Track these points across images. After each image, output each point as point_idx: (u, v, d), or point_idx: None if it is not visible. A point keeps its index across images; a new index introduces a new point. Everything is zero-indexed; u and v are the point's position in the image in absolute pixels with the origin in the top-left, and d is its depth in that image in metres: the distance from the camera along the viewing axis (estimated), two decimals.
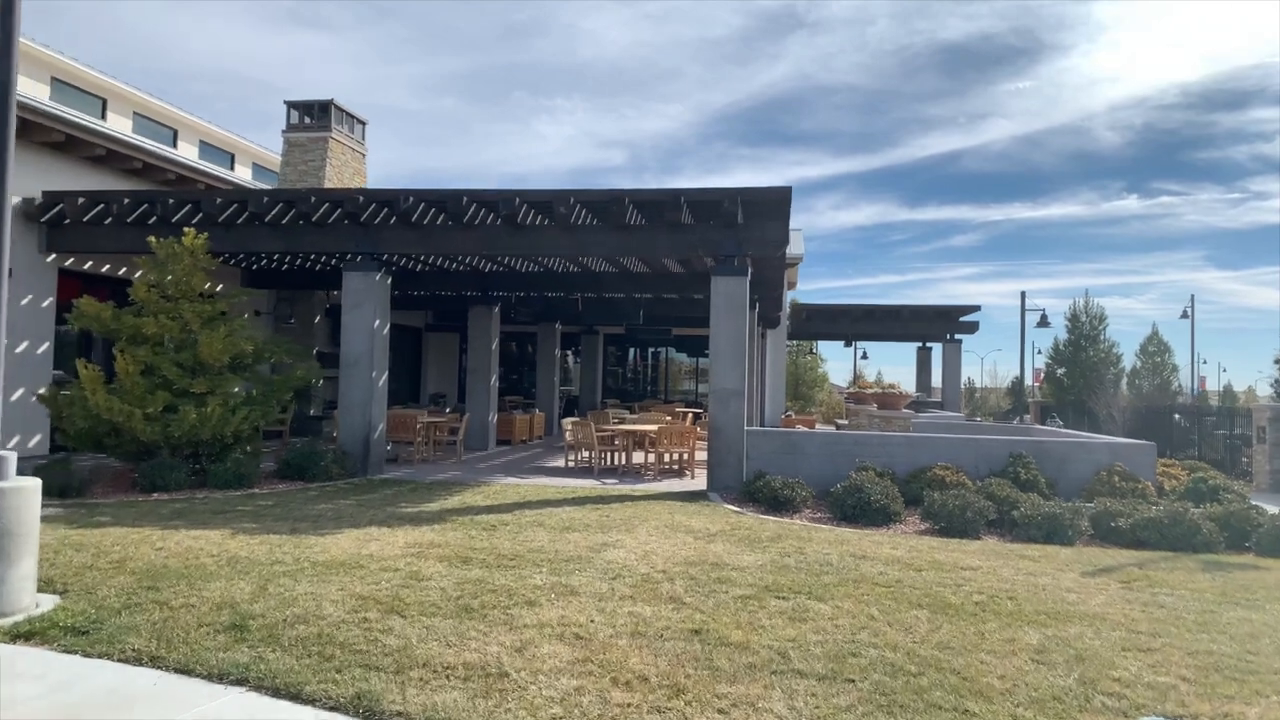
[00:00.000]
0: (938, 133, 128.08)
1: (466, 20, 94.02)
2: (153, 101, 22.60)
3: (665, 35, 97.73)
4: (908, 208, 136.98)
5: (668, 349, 29.20)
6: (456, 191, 11.84)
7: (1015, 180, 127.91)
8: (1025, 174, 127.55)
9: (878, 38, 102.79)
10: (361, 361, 12.25)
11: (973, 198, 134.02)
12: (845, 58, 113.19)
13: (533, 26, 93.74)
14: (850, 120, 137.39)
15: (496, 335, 17.47)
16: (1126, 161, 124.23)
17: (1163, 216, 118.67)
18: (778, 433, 11.72)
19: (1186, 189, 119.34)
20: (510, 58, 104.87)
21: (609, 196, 11.34)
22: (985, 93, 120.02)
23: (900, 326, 26.58)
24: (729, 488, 11.31)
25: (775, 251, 11.74)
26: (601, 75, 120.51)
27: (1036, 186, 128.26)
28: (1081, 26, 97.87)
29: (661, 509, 9.69)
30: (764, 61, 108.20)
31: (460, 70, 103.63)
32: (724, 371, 11.52)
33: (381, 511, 9.05)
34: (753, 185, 11.31)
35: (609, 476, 13.09)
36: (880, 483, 9.76)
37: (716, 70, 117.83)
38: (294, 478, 11.44)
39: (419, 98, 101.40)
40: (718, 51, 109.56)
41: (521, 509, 9.45)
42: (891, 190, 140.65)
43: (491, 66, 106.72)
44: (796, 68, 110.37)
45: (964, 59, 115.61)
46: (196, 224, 12.63)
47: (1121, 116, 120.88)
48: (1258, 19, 77.30)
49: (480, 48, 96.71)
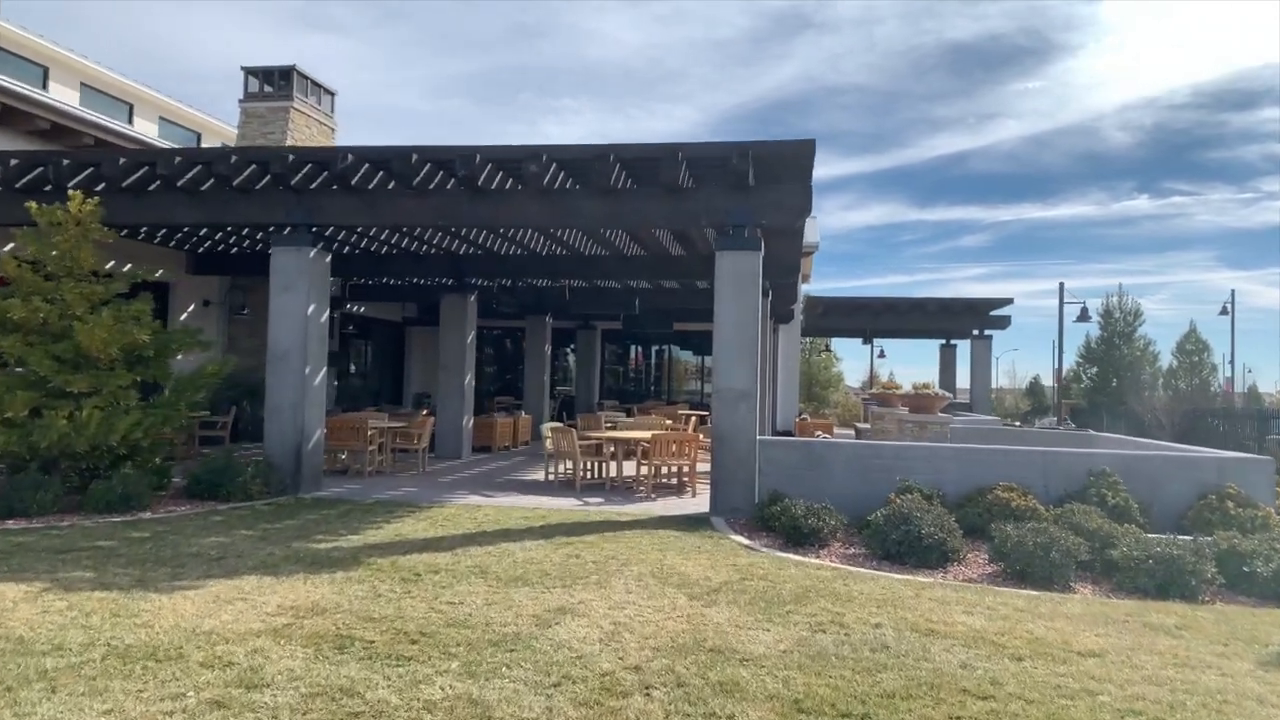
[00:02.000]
0: (947, 133, 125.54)
1: (475, 22, 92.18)
2: (105, 72, 20.55)
3: (673, 36, 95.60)
4: (917, 208, 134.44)
5: (670, 346, 27.01)
6: (404, 149, 9.71)
7: (1024, 180, 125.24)
8: (1034, 174, 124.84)
9: (886, 38, 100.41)
10: (292, 355, 10.12)
11: (982, 198, 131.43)
12: (853, 58, 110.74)
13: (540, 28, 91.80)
14: (859, 121, 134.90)
15: (472, 327, 15.34)
16: (1137, 162, 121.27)
17: (1174, 216, 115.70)
18: (798, 444, 9.54)
19: (1198, 189, 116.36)
20: (518, 59, 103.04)
21: (591, 153, 9.20)
22: (994, 93, 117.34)
23: (924, 321, 24.36)
24: (737, 511, 9.16)
25: (794, 220, 9.57)
26: (609, 76, 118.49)
27: (1046, 187, 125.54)
28: (1090, 26, 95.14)
29: (650, 543, 7.53)
30: (771, 62, 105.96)
31: (468, 72, 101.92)
32: (731, 368, 9.36)
33: (283, 548, 6.92)
34: (766, 139, 9.16)
35: (593, 493, 10.94)
36: (931, 510, 7.58)
37: (724, 71, 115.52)
38: (204, 496, 9.34)
39: (428, 99, 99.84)
40: (725, 52, 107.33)
41: (468, 545, 7.30)
42: (901, 191, 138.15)
43: (499, 68, 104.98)
44: (804, 68, 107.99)
45: (972, 59, 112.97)
46: (101, 192, 10.55)
47: (1131, 116, 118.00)
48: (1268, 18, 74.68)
49: (488, 49, 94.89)
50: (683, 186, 9.46)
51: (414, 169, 9.57)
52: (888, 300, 23.98)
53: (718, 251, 9.48)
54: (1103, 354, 31.87)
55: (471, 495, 10.49)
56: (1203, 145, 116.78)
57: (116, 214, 10.52)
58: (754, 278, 9.37)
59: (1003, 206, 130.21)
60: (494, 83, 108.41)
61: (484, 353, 28.03)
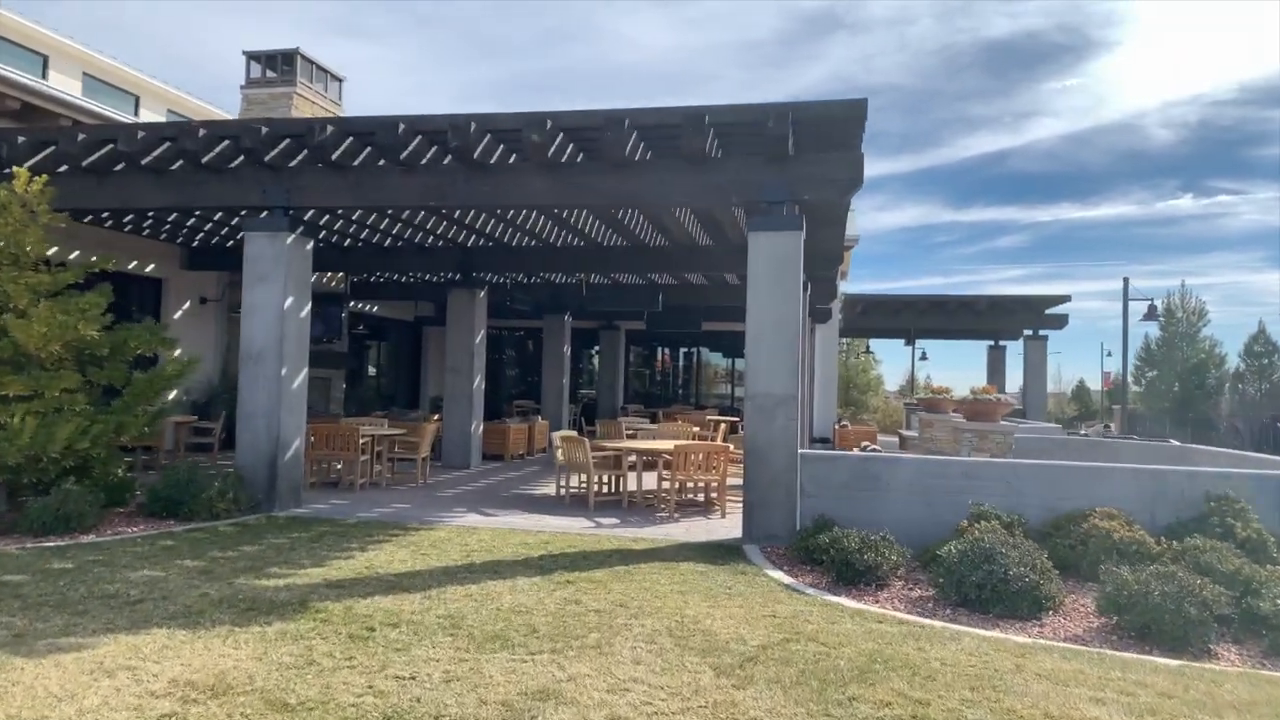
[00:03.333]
0: (983, 132, 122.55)
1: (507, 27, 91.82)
2: (109, 62, 19.67)
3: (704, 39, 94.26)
4: (953, 209, 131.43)
5: (698, 347, 25.61)
6: (390, 118, 8.48)
7: (1063, 180, 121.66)
8: (1074, 173, 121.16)
9: (919, 37, 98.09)
10: (266, 355, 8.92)
11: (1019, 198, 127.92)
12: (886, 58, 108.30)
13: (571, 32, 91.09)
14: (892, 121, 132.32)
15: (482, 325, 14.09)
16: (1180, 159, 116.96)
17: (1220, 216, 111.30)
18: (849, 459, 8.12)
19: (1244, 186, 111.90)
20: (549, 63, 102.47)
21: (601, 119, 7.89)
22: (1031, 91, 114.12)
23: (973, 321, 22.70)
24: (774, 538, 7.77)
25: (841, 195, 8.17)
26: (640, 80, 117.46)
27: (1086, 186, 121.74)
28: (1131, 22, 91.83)
29: (669, 583, 6.18)
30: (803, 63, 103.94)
31: (498, 76, 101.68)
32: (767, 369, 7.99)
33: (222, 586, 5.68)
34: (808, 99, 7.79)
35: (608, 512, 9.61)
36: (1017, 545, 6.14)
37: (756, 73, 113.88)
38: (163, 515, 8.16)
39: (458, 104, 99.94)
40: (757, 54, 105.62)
41: (448, 583, 6.01)
42: (936, 191, 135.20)
43: (531, 72, 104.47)
44: (836, 69, 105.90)
45: (1009, 57, 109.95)
46: (64, 174, 9.47)
47: (1175, 113, 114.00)
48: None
49: (520, 54, 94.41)
50: (710, 157, 8.12)
51: (401, 141, 8.33)
52: (934, 298, 22.35)
53: (750, 233, 8.12)
54: (1163, 356, 29.86)
55: (470, 514, 9.22)
56: (1249, 142, 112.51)
57: (78, 197, 9.46)
58: (793, 262, 7.99)
59: (1041, 206, 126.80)
60: (524, 86, 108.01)
61: (504, 354, 26.86)
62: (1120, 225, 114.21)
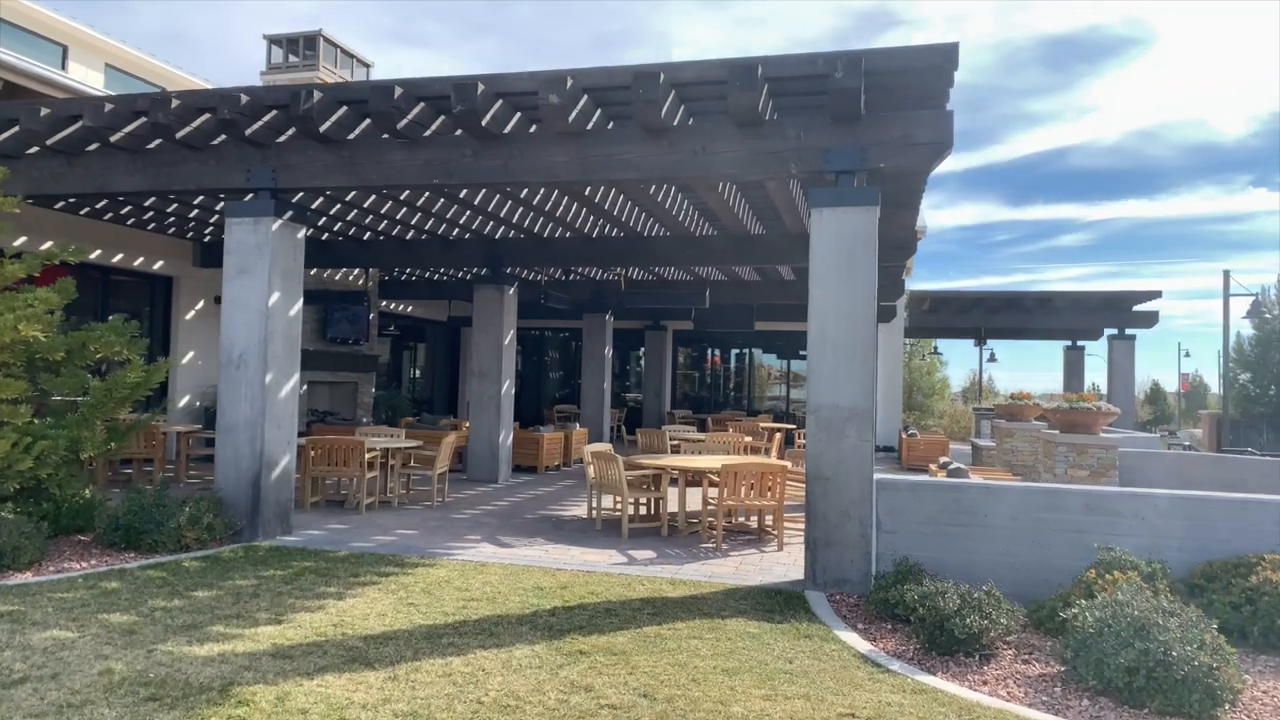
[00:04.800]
0: (1043, 128, 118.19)
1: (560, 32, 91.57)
2: (132, 53, 18.96)
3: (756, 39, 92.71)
4: (1012, 206, 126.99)
5: (751, 349, 24.05)
6: (385, 82, 7.24)
7: (1128, 176, 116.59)
8: (1139, 169, 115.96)
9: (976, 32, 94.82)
10: (249, 359, 7.74)
11: (1082, 195, 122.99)
12: None
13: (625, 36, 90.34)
14: None
15: (511, 326, 12.84)
16: (1253, 153, 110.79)
17: None
18: (937, 487, 6.58)
19: None
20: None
21: (632, 75, 6.51)
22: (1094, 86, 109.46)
23: (1051, 319, 20.74)
24: (844, 584, 6.30)
25: (926, 163, 6.64)
26: None
27: (1152, 182, 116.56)
28: (1200, 12, 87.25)
29: (711, 657, 4.77)
30: None
31: None
32: (832, 375, 6.51)
33: (140, 656, 4.45)
34: (884, 46, 6.30)
35: (644, 540, 8.23)
36: (1174, 610, 4.59)
37: None
38: (123, 546, 7.02)
39: None
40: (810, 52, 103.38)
41: (427, 652, 4.69)
42: (994, 189, 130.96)
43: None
44: None
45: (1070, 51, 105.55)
46: (34, 155, 8.48)
47: (1247, 106, 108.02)
48: None
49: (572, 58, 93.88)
50: (763, 119, 6.67)
51: (399, 108, 7.06)
52: (1008, 294, 20.44)
53: (814, 210, 6.65)
54: (1258, 357, 27.32)
55: (483, 543, 7.92)
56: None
57: (46, 181, 8.45)
58: (867, 244, 6.50)
59: (1104, 203, 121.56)
60: None
61: (547, 357, 25.68)
62: (1189, 222, 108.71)
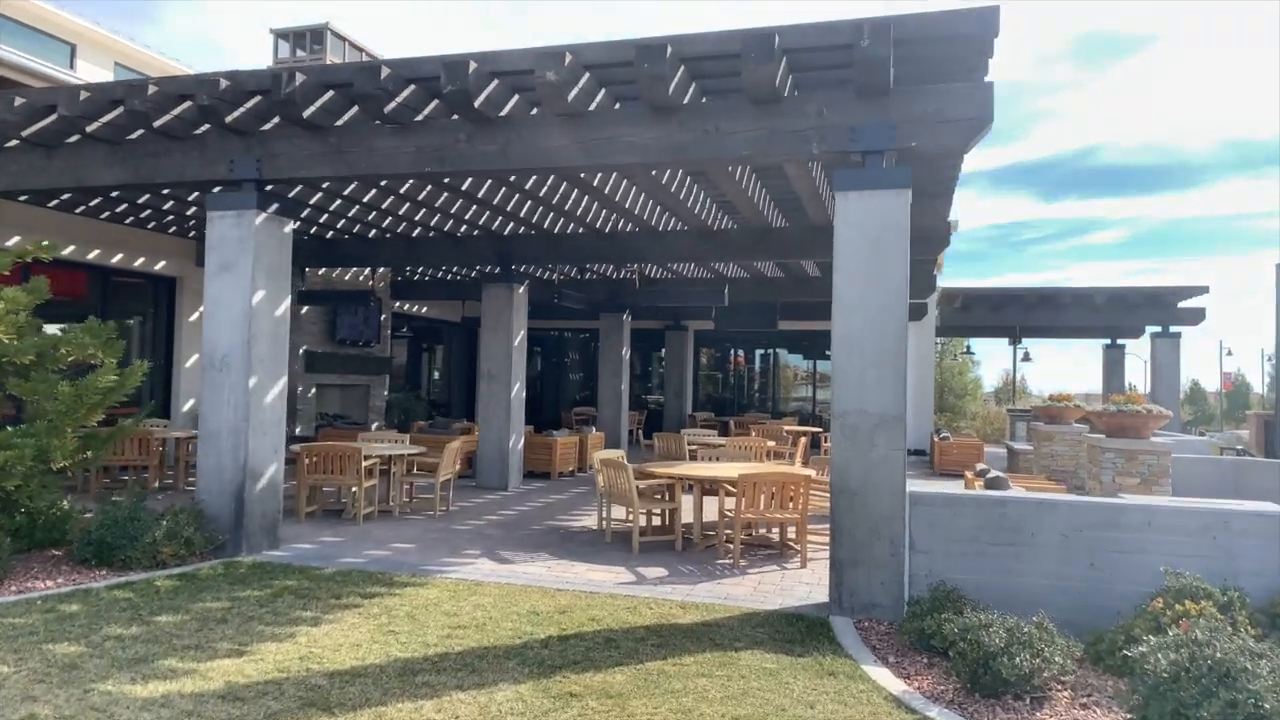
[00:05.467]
0: (1073, 124, 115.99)
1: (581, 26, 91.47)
2: (142, 51, 18.70)
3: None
4: (1042, 203, 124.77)
5: (775, 350, 23.34)
6: (371, 63, 6.70)
7: (1161, 172, 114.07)
8: (1172, 165, 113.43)
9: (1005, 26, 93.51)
10: (232, 362, 7.24)
11: (1114, 191, 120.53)
12: None
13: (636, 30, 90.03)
14: None
15: (522, 326, 12.30)
16: None
17: None
18: (977, 502, 5.90)
19: None
20: None
21: (637, 49, 5.91)
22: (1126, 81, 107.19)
23: (1090, 317, 19.84)
24: (873, 610, 5.66)
25: (964, 141, 5.97)
26: None
27: (1185, 178, 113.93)
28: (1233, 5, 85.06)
29: (720, 701, 4.15)
30: None
31: None
32: (859, 378, 5.86)
33: (74, 696, 3.94)
34: (915, 11, 5.65)
35: (656, 555, 7.62)
36: (1263, 652, 3.91)
37: None
38: (95, 562, 6.54)
39: None
40: None
41: (397, 694, 4.12)
42: (1024, 186, 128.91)
43: None
44: None
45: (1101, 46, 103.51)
46: (11, 149, 8.08)
47: None
48: None
49: None
50: (781, 94, 6.05)
51: (387, 90, 6.52)
52: (1043, 291, 19.59)
53: (838, 194, 6.01)
54: None
55: (482, 559, 7.37)
56: None
57: (25, 176, 8.04)
58: (897, 232, 5.86)
59: (1138, 199, 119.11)
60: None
61: (566, 358, 25.14)
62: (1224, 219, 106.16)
